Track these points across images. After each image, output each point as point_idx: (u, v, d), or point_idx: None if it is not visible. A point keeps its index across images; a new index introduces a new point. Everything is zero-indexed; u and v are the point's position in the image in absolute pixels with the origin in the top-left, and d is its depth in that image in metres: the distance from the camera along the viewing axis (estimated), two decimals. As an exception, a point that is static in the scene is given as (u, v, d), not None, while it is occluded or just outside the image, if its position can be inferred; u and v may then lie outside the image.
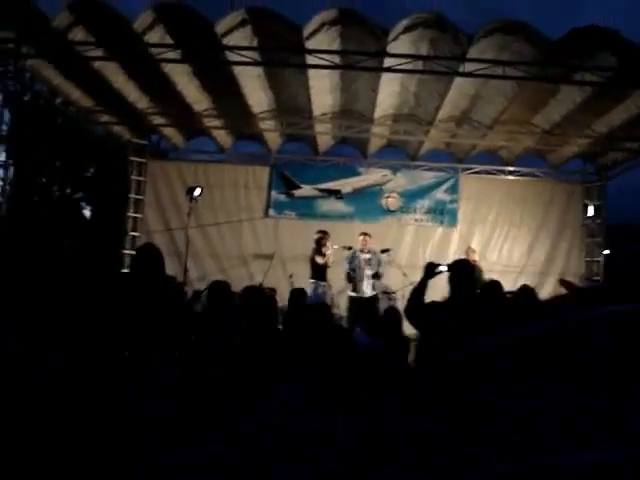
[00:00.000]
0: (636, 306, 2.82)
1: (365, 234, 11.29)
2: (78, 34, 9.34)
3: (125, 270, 13.07)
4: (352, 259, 11.07)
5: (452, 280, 4.94)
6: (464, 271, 5.06)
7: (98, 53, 9.71)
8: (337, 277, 11.59)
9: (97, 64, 10.26)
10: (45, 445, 2.69)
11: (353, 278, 11.00)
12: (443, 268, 5.01)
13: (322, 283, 11.31)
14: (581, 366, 2.78)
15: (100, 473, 2.81)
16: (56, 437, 2.72)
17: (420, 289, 4.95)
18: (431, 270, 5.00)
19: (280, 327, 5.60)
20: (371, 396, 3.32)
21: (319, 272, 11.28)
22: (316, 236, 11.39)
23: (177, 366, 4.24)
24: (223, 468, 2.83)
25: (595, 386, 2.70)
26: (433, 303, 5.01)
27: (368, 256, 11.03)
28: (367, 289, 10.95)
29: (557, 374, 2.81)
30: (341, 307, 11.50)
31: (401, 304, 8.39)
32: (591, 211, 12.73)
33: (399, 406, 3.16)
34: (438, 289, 5.18)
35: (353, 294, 11.02)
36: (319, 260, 11.23)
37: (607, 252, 14.70)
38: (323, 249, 11.21)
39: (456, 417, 2.76)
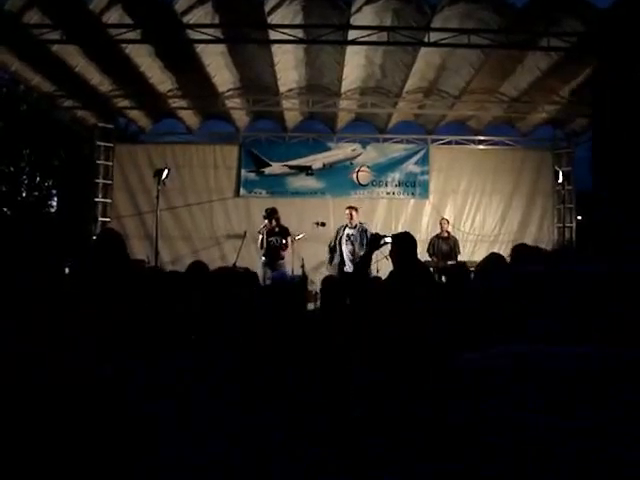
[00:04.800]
0: None
1: (351, 207, 10.75)
2: (33, 17, 9.10)
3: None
4: (337, 233, 10.60)
5: (393, 252, 4.88)
6: (405, 243, 4.99)
7: (55, 36, 9.46)
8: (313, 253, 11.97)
9: (55, 47, 10.03)
10: (46, 445, 2.66)
11: (333, 254, 10.56)
12: (388, 240, 5.00)
13: (279, 262, 10.84)
14: None
15: (100, 473, 2.79)
16: (57, 437, 2.70)
17: (365, 261, 4.96)
18: (377, 242, 5.00)
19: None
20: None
21: (267, 250, 10.86)
22: None
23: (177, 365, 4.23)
24: (224, 467, 2.81)
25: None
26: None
27: (351, 232, 10.45)
28: (347, 267, 10.30)
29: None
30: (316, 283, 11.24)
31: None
32: (561, 177, 12.74)
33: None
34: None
35: (330, 270, 10.44)
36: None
37: (580, 218, 14.77)
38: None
39: None
